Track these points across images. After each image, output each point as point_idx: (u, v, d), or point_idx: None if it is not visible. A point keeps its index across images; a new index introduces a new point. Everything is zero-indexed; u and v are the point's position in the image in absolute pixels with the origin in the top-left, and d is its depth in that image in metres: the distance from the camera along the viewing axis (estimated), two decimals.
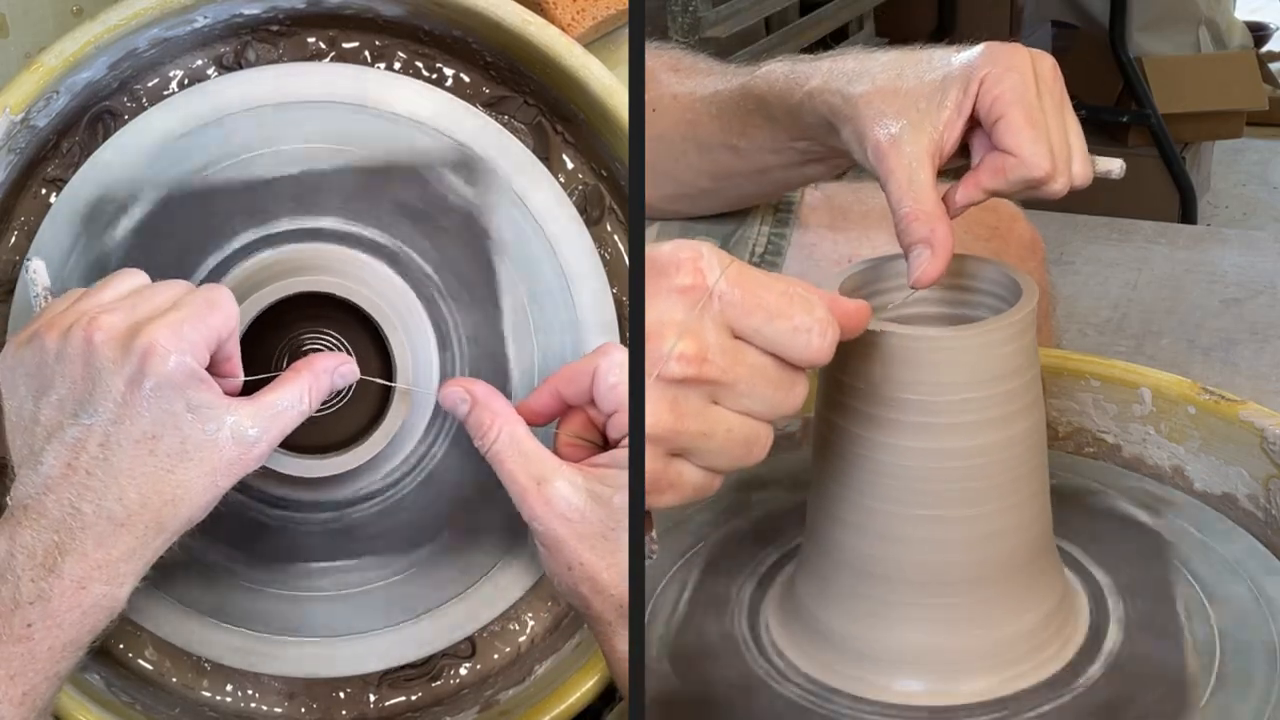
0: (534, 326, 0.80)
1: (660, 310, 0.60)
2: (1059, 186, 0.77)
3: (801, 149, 0.91)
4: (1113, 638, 0.74)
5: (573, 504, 0.70)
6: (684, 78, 1.00)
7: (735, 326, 0.61)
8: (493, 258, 0.79)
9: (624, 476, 0.70)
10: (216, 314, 0.67)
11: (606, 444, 0.74)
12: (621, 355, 0.72)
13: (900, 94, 0.77)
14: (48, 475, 0.65)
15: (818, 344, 0.61)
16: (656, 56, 1.03)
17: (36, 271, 0.76)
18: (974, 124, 0.77)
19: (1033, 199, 0.81)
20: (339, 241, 0.78)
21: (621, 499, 0.70)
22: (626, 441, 0.70)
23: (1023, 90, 0.75)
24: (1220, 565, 0.79)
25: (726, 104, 0.95)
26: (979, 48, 0.78)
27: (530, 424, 0.73)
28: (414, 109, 0.79)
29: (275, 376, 0.71)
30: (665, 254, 0.61)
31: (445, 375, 0.78)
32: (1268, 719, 0.69)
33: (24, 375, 0.67)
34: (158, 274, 0.72)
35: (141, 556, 0.66)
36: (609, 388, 0.72)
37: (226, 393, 0.69)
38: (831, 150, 0.88)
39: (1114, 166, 0.82)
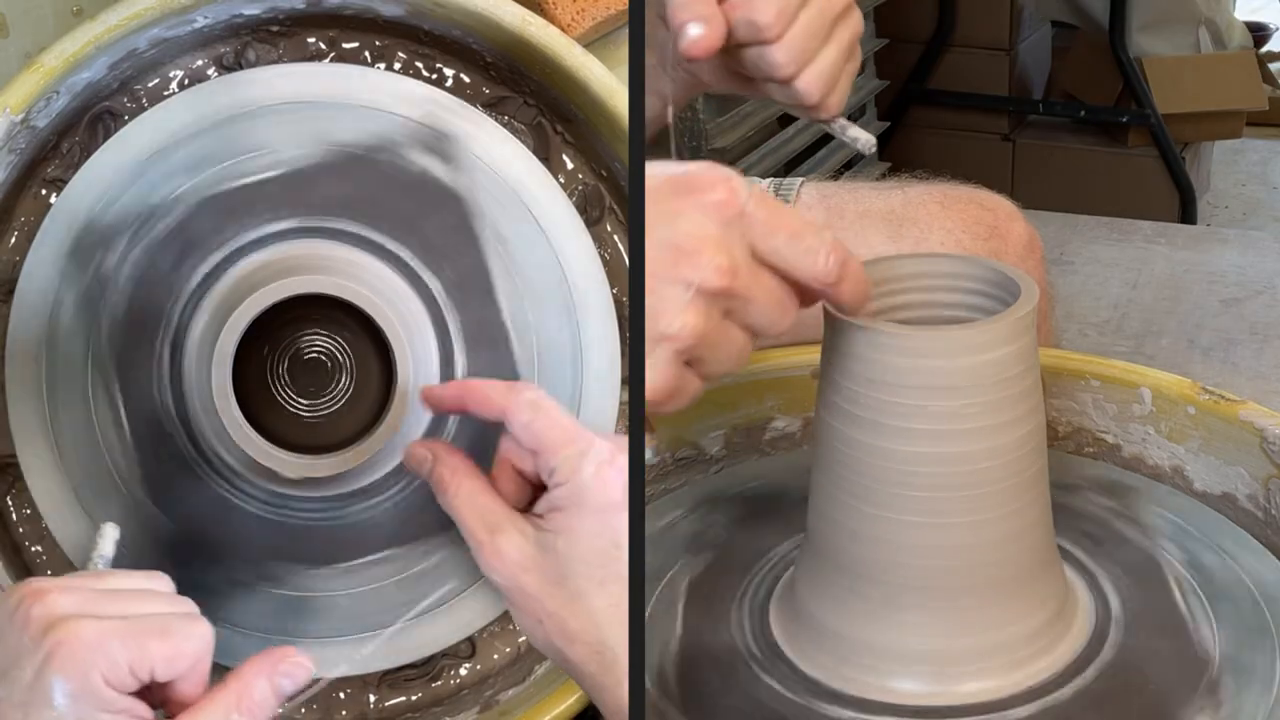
0: (534, 326, 0.80)
1: (696, 224, 0.63)
2: (783, 58, 0.83)
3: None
4: (1114, 636, 0.74)
5: (526, 552, 0.69)
6: None
7: (758, 246, 0.64)
8: (485, 252, 0.79)
9: (565, 520, 0.69)
10: (160, 644, 0.63)
11: (539, 486, 0.71)
12: (534, 393, 0.71)
13: None
14: None
15: (823, 263, 0.65)
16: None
17: (105, 536, 0.74)
18: None
19: (785, 106, 0.86)
20: (335, 240, 0.78)
21: (566, 544, 0.68)
22: (556, 482, 0.69)
23: None
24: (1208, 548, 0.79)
25: None
26: None
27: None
28: (376, 97, 0.79)
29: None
30: (697, 172, 0.64)
31: (447, 373, 0.78)
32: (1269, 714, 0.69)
33: None
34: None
35: None
36: (522, 426, 0.70)
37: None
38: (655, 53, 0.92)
39: (861, 138, 0.88)
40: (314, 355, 0.79)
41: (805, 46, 0.84)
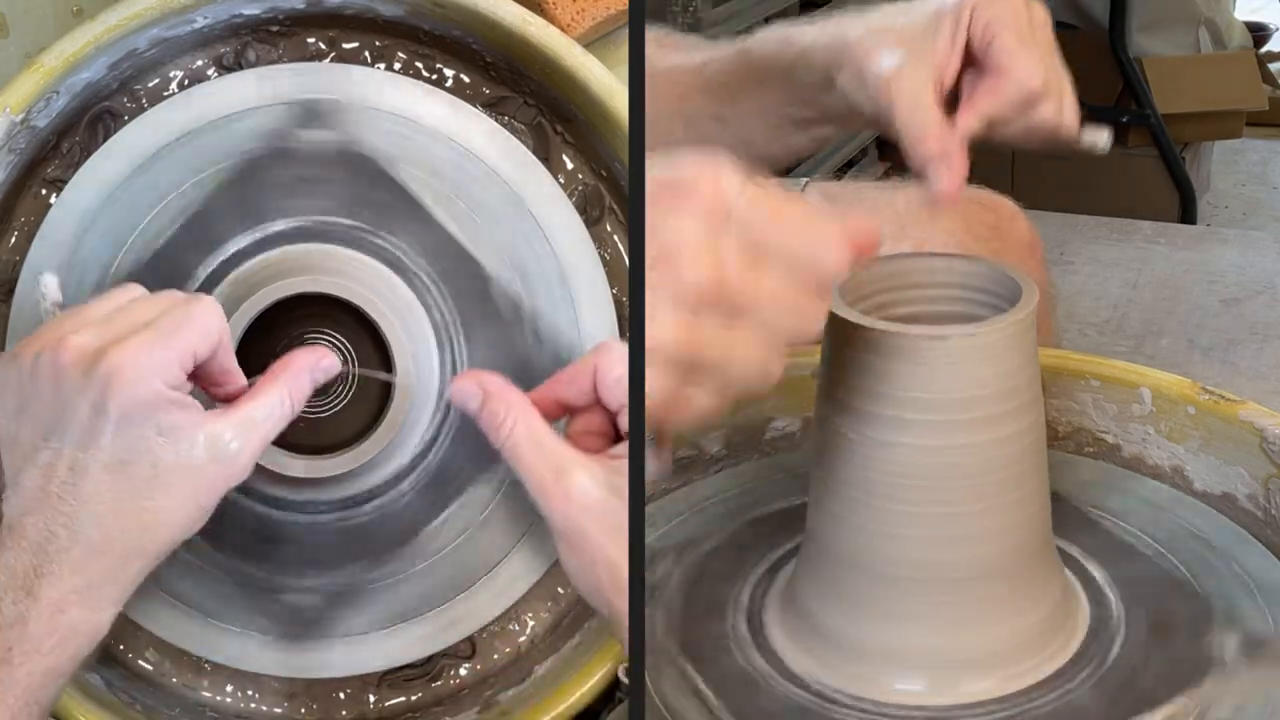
0: (534, 327, 0.80)
1: (676, 228, 0.57)
2: (1053, 110, 0.79)
3: (791, 114, 0.92)
4: (1113, 636, 0.74)
5: (593, 495, 0.68)
6: (670, 52, 1.01)
7: (756, 244, 0.58)
8: (480, 251, 0.79)
9: None
10: (191, 329, 0.65)
11: (619, 438, 0.72)
12: (621, 350, 0.71)
13: (896, 31, 0.80)
14: (24, 497, 0.64)
15: (834, 258, 0.60)
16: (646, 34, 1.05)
17: (47, 286, 0.75)
18: (968, 63, 0.80)
19: (1032, 146, 0.83)
20: (335, 239, 0.78)
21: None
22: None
23: (1013, 15, 0.78)
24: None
25: (716, 73, 0.95)
26: None
27: None
28: (421, 113, 0.79)
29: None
30: (684, 171, 0.59)
31: (446, 373, 0.78)
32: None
33: (6, 393, 0.65)
34: (158, 284, 0.72)
35: (119, 581, 0.65)
36: (615, 381, 0.70)
37: (229, 400, 0.68)
38: (823, 113, 0.89)
39: (1100, 137, 0.86)
40: None
41: (1060, 88, 0.82)
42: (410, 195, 0.79)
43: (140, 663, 0.82)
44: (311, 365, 0.70)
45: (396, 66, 0.82)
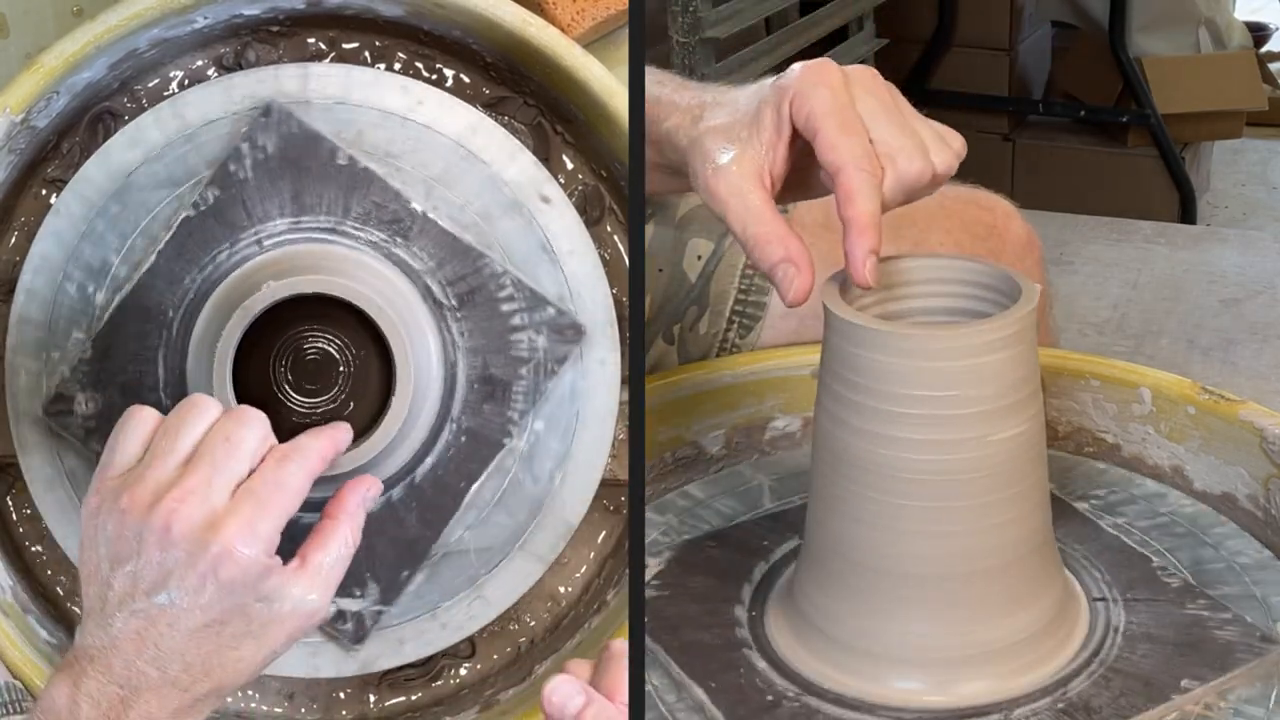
0: (534, 326, 0.80)
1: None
2: (916, 172, 0.76)
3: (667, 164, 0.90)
4: (1113, 637, 0.74)
5: None
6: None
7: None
8: (482, 252, 0.79)
9: None
10: (286, 495, 0.70)
11: None
12: None
13: (726, 128, 0.77)
14: (116, 637, 0.67)
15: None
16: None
17: None
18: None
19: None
20: (336, 239, 0.78)
21: None
22: None
23: (832, 102, 0.74)
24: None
25: None
26: (793, 67, 0.78)
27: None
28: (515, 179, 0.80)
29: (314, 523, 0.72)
30: None
31: (447, 374, 0.78)
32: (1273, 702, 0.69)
33: (104, 539, 0.68)
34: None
35: (197, 711, 0.69)
36: None
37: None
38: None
39: None
40: (314, 355, 0.79)
41: (914, 148, 0.78)
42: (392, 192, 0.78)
43: None
44: (361, 499, 0.74)
45: (396, 66, 0.82)
